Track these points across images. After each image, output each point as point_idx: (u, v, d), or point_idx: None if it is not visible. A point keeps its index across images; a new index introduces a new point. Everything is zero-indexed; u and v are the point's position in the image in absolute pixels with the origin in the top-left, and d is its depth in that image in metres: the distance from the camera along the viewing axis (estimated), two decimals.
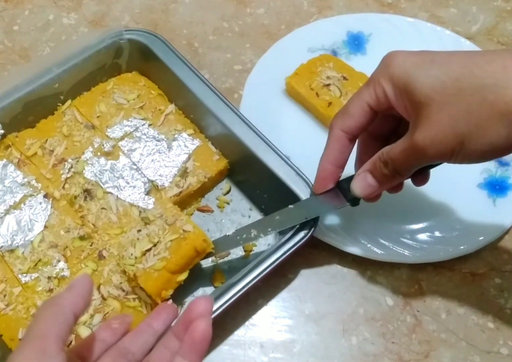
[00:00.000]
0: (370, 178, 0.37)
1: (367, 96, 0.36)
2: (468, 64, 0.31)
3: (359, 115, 0.36)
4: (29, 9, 0.63)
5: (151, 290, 0.39)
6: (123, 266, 0.41)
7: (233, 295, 0.40)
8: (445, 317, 0.47)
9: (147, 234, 0.41)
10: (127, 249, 0.41)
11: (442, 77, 0.31)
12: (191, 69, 0.49)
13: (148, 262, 0.40)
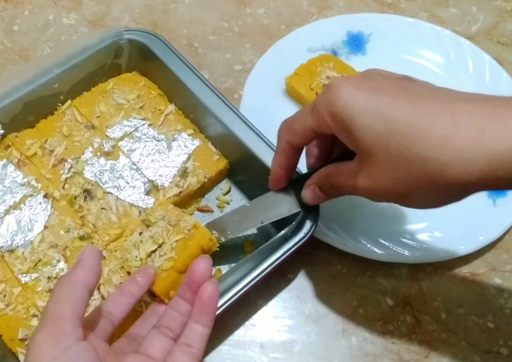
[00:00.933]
0: (318, 191, 0.38)
1: (310, 123, 0.35)
2: (411, 125, 0.29)
3: (303, 135, 0.36)
4: (29, 9, 0.63)
5: (160, 290, 0.39)
6: (128, 268, 0.41)
7: (233, 295, 0.40)
8: (445, 317, 0.47)
9: (150, 236, 0.41)
10: (131, 252, 0.41)
11: (385, 136, 0.30)
12: (191, 69, 0.49)
13: (154, 263, 0.40)
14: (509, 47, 0.62)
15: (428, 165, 0.29)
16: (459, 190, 0.30)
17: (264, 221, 0.42)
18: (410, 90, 0.31)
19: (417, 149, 0.29)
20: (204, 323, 0.35)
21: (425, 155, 0.29)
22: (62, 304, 0.31)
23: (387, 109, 0.30)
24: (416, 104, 0.30)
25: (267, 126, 0.48)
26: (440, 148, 0.28)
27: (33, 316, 0.41)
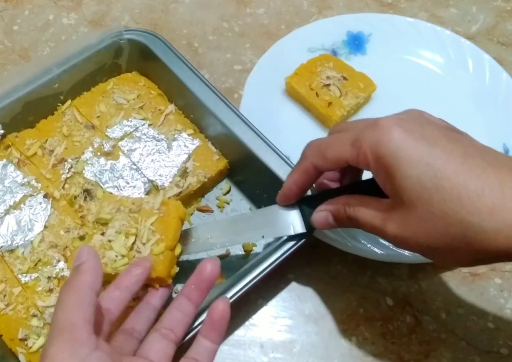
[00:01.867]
0: (331, 219, 0.37)
1: (348, 155, 0.33)
2: (461, 187, 0.29)
3: (335, 163, 0.35)
4: (29, 9, 0.63)
5: (164, 273, 0.37)
6: (114, 270, 0.38)
7: (233, 295, 0.40)
8: (445, 317, 0.47)
9: (117, 232, 0.39)
10: (105, 255, 0.38)
11: (431, 191, 0.29)
12: (191, 69, 0.49)
13: (142, 252, 0.38)
14: (509, 47, 0.62)
15: (470, 229, 0.29)
16: (492, 257, 0.30)
17: (266, 236, 0.41)
18: (460, 145, 0.30)
19: (463, 212, 0.29)
20: (214, 339, 0.34)
21: (469, 219, 0.28)
22: (73, 312, 0.30)
23: (440, 165, 0.29)
24: (467, 165, 0.29)
25: (267, 126, 0.48)
26: (487, 215, 0.28)
27: (33, 316, 0.41)
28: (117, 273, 0.37)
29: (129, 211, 0.39)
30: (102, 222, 0.40)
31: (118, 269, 0.38)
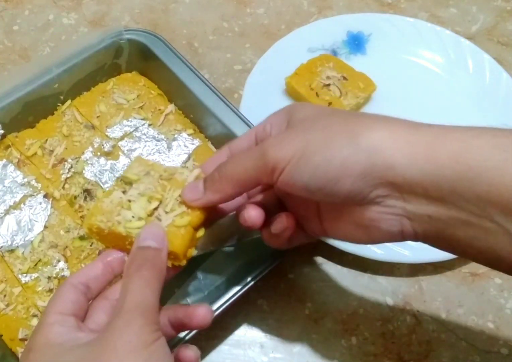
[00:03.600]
0: (200, 184, 0.34)
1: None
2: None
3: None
4: (29, 9, 0.63)
5: (180, 249, 0.33)
6: (128, 232, 0.33)
7: (233, 295, 0.40)
8: (445, 317, 0.47)
9: (140, 194, 0.34)
10: (120, 213, 0.34)
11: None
12: (191, 69, 0.49)
13: (163, 220, 0.33)
14: (509, 47, 0.62)
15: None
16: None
17: (242, 239, 0.39)
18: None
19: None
20: None
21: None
22: (149, 294, 0.29)
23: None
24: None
25: None
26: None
27: (33, 316, 0.41)
28: (129, 235, 0.33)
29: (159, 177, 0.35)
30: (126, 180, 0.35)
31: (131, 231, 0.33)
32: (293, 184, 0.30)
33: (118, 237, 0.34)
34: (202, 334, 0.45)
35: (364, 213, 0.30)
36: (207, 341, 0.45)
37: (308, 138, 0.29)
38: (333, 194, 0.29)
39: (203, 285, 0.44)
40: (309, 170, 0.29)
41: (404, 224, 0.29)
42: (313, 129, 0.30)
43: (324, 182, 0.29)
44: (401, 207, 0.28)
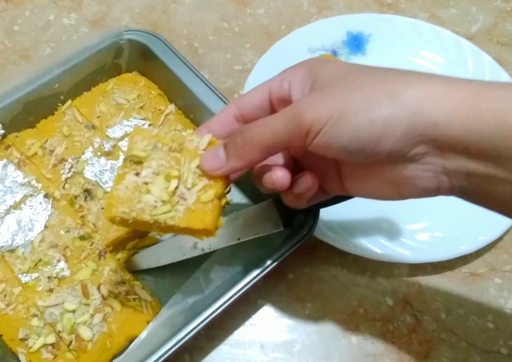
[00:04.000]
0: (221, 151, 0.32)
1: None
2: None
3: None
4: (29, 9, 0.63)
5: (212, 224, 0.32)
6: (155, 219, 0.31)
7: (233, 295, 0.40)
8: (445, 317, 0.47)
9: (155, 173, 0.32)
10: (141, 199, 0.31)
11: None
12: (191, 69, 0.49)
13: (188, 198, 0.31)
14: (509, 47, 0.62)
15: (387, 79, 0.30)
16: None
17: (242, 238, 0.40)
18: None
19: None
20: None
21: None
22: None
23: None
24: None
25: None
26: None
27: (33, 316, 0.41)
28: (156, 222, 0.31)
29: (169, 149, 0.33)
30: (135, 160, 0.33)
31: (158, 217, 0.31)
32: (330, 146, 0.29)
33: (144, 223, 0.32)
34: (202, 334, 0.45)
35: (400, 171, 0.29)
36: (207, 341, 0.45)
37: (347, 99, 0.28)
38: (373, 155, 0.28)
39: (203, 285, 0.44)
40: (349, 131, 0.28)
41: (441, 181, 0.29)
42: (349, 88, 0.29)
43: (365, 143, 0.28)
44: (439, 165, 0.28)
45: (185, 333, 0.39)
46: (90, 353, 0.40)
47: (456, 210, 0.49)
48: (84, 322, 0.41)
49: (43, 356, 0.40)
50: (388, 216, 0.49)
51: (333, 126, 0.28)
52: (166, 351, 0.38)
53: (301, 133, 0.29)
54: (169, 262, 0.44)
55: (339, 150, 0.29)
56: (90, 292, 0.42)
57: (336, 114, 0.28)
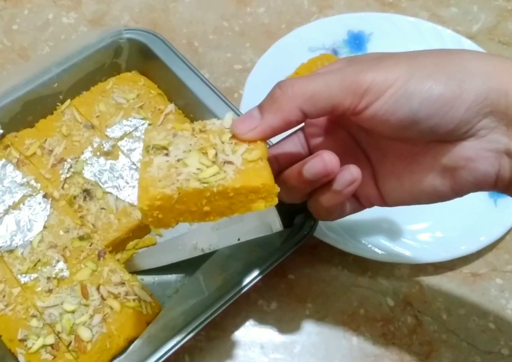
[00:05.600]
0: (255, 110, 0.29)
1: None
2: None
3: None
4: (28, 8, 0.63)
5: (270, 179, 0.28)
6: (206, 183, 0.27)
7: (233, 295, 0.39)
8: (446, 318, 0.47)
9: (186, 151, 0.28)
10: (182, 172, 0.27)
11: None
12: (191, 68, 0.49)
13: (233, 160, 0.28)
14: (510, 47, 0.62)
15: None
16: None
17: (242, 238, 0.40)
18: None
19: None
20: None
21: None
22: None
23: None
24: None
25: None
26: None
27: (32, 316, 0.41)
28: (207, 188, 0.27)
29: (192, 133, 0.30)
30: (158, 147, 0.29)
31: (209, 180, 0.27)
32: (394, 112, 0.26)
33: (191, 200, 0.27)
34: (202, 335, 0.45)
35: (458, 151, 0.27)
36: (207, 342, 0.45)
37: (413, 63, 0.26)
38: (441, 124, 0.26)
39: (203, 286, 0.44)
40: (422, 93, 0.25)
41: (502, 165, 0.27)
42: (411, 56, 0.27)
43: (437, 108, 0.25)
44: (504, 143, 0.26)
45: (185, 333, 0.39)
46: (90, 354, 0.40)
47: (457, 210, 0.49)
48: (84, 323, 0.41)
49: (42, 357, 0.40)
50: (389, 216, 0.49)
51: (401, 88, 0.25)
52: (166, 352, 0.38)
53: (358, 91, 0.26)
54: (169, 262, 0.44)
55: (404, 116, 0.26)
56: (89, 293, 0.42)
57: (405, 76, 0.25)
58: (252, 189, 0.27)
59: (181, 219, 0.28)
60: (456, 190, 0.29)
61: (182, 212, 0.28)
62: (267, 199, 0.28)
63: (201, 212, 0.28)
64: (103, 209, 0.46)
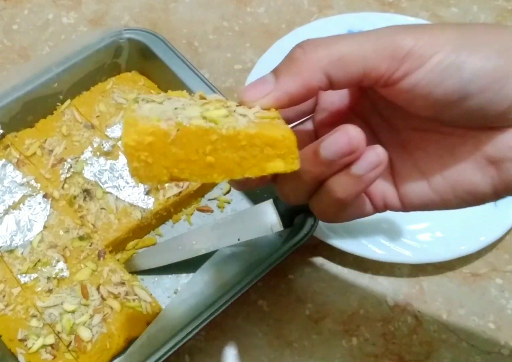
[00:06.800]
0: (269, 75, 0.26)
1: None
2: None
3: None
4: (28, 8, 0.63)
5: (291, 133, 0.23)
6: (214, 127, 0.21)
7: (233, 295, 0.39)
8: (446, 318, 0.47)
9: (184, 105, 0.24)
10: (181, 114, 0.22)
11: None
12: (191, 68, 0.49)
13: (248, 114, 0.24)
14: None
15: None
16: None
17: (242, 238, 0.40)
18: None
19: None
20: None
21: None
22: None
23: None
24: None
25: None
26: None
27: (32, 316, 0.41)
28: (215, 129, 0.21)
29: (191, 98, 0.26)
30: (149, 100, 0.25)
31: (216, 119, 0.22)
32: (440, 82, 0.22)
33: (192, 143, 0.21)
34: (202, 334, 0.45)
35: (509, 140, 0.23)
36: (207, 342, 0.45)
37: (464, 31, 0.22)
38: (493, 102, 0.22)
39: (203, 286, 0.44)
40: (474, 63, 0.21)
41: None
42: (462, 26, 0.23)
43: (491, 81, 0.22)
44: None
45: (185, 333, 0.38)
46: (90, 354, 0.40)
47: (457, 210, 0.49)
48: (84, 323, 0.41)
49: (42, 357, 0.40)
50: (389, 216, 0.49)
51: (449, 55, 0.21)
52: (166, 352, 0.38)
53: (397, 55, 0.22)
54: (169, 262, 0.44)
55: (451, 90, 0.22)
56: (89, 293, 0.42)
57: (455, 42, 0.22)
58: (269, 140, 0.22)
59: (175, 172, 0.21)
60: (498, 190, 0.24)
61: (178, 160, 0.21)
62: (287, 160, 0.23)
63: (203, 163, 0.21)
64: (103, 209, 0.46)
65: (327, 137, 0.23)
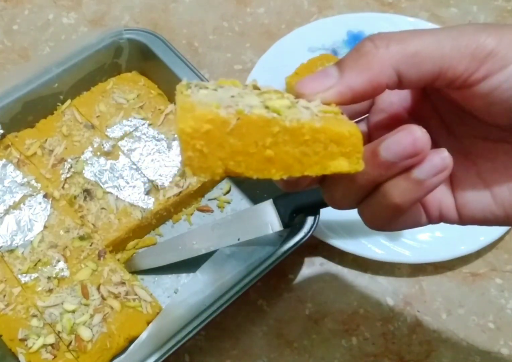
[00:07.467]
0: (331, 68, 0.22)
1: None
2: None
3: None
4: (28, 8, 0.63)
5: (357, 130, 0.21)
6: (277, 117, 0.20)
7: (233, 295, 0.40)
8: (445, 317, 0.47)
9: (240, 94, 0.21)
10: (241, 101, 0.20)
11: None
12: (191, 68, 0.49)
13: (312, 106, 0.22)
14: None
15: None
16: None
17: (242, 238, 0.41)
18: None
19: None
20: None
21: None
22: None
23: None
24: None
25: None
26: None
27: (32, 316, 0.41)
28: (277, 120, 0.20)
29: (244, 88, 0.23)
30: (202, 86, 0.22)
31: (280, 110, 0.20)
32: None
33: (252, 134, 0.19)
34: (202, 334, 0.45)
35: None
36: (207, 342, 0.45)
37: None
38: None
39: (203, 286, 0.44)
40: None
41: None
42: None
43: None
44: None
45: (185, 333, 0.39)
46: (90, 354, 0.40)
47: None
48: (84, 323, 0.41)
49: (43, 357, 0.40)
50: None
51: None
52: (166, 352, 0.38)
53: (478, 55, 0.20)
54: (169, 262, 0.44)
55: None
56: (89, 293, 0.42)
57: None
58: (335, 135, 0.20)
59: (231, 165, 0.20)
60: None
61: (235, 152, 0.19)
62: (352, 159, 0.21)
63: (261, 157, 0.20)
64: (103, 209, 0.46)
65: (389, 137, 0.21)
